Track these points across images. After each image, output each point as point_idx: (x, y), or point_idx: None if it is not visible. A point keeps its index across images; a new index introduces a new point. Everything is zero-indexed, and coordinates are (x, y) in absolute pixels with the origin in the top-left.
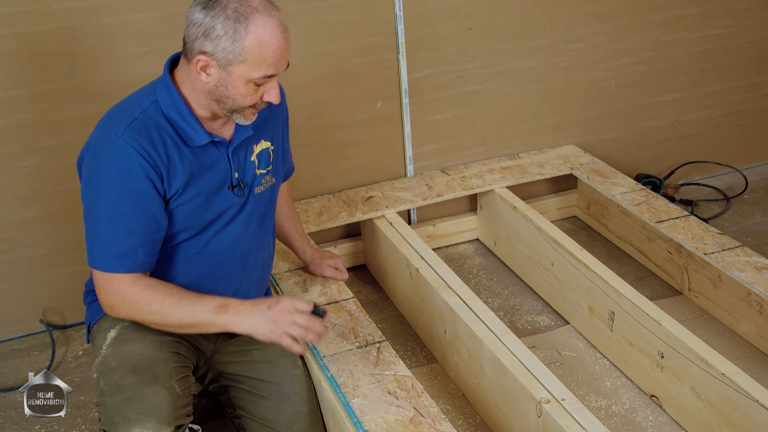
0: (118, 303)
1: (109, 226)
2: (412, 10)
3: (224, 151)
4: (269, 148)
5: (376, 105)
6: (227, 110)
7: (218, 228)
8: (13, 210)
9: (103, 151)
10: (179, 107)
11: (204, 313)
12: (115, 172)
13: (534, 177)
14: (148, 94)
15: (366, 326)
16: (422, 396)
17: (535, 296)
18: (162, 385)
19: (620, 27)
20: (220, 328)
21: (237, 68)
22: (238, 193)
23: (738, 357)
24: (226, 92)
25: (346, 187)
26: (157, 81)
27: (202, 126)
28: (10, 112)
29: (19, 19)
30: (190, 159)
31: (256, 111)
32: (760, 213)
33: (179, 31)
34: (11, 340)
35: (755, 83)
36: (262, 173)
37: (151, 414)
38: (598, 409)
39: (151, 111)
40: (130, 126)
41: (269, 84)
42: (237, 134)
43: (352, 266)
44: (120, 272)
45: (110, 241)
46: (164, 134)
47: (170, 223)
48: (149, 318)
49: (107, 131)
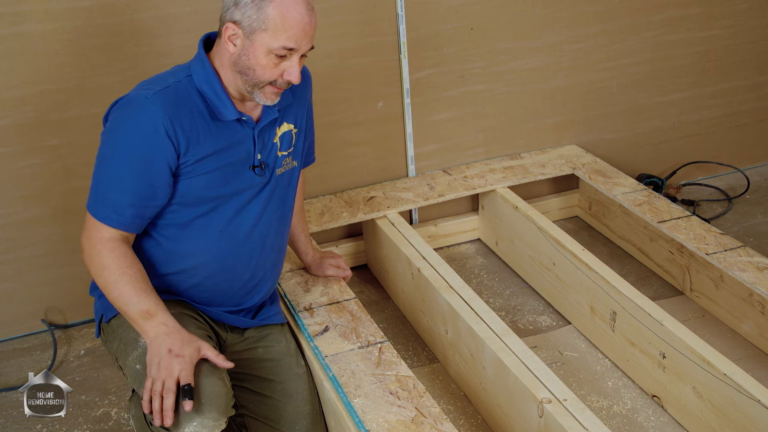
0: (86, 248)
1: (108, 179)
2: (414, 9)
3: (250, 132)
4: (292, 131)
5: (377, 105)
6: (249, 84)
7: (238, 207)
8: (14, 209)
9: (128, 108)
10: (212, 82)
11: (133, 308)
12: (131, 132)
13: (536, 177)
14: (183, 69)
15: (368, 326)
16: (424, 396)
17: (537, 296)
18: (218, 376)
19: (622, 27)
20: (134, 325)
21: (259, 36)
22: (259, 173)
23: (740, 357)
24: (248, 62)
25: (347, 187)
26: (191, 60)
27: (232, 102)
28: (11, 112)
29: (21, 18)
30: (214, 134)
31: (278, 92)
32: (762, 213)
33: (178, 31)
34: (13, 339)
35: (757, 83)
36: (283, 155)
37: (212, 404)
38: (599, 410)
39: (185, 83)
40: (162, 91)
41: (290, 61)
42: (264, 115)
43: (353, 266)
44: (104, 224)
45: (105, 192)
46: (193, 106)
47: (183, 193)
48: (97, 280)
49: (138, 91)
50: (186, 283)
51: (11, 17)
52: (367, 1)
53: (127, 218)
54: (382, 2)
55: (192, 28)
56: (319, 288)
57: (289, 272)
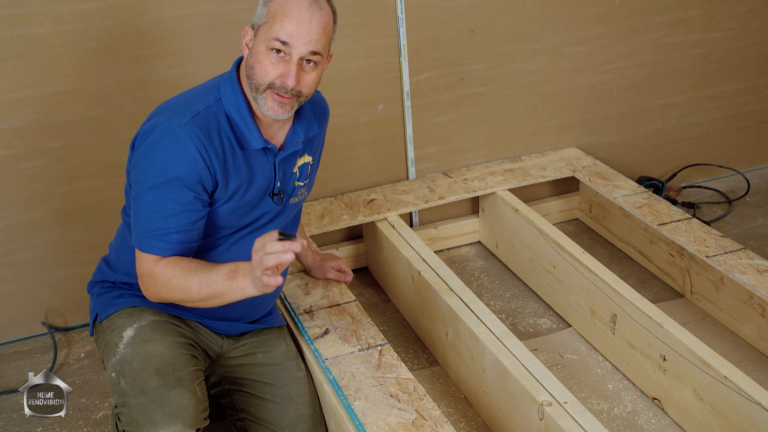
0: (149, 283)
1: (150, 209)
2: (414, 12)
3: (272, 159)
4: (309, 163)
5: (378, 107)
6: (253, 89)
7: (251, 230)
8: (15, 212)
9: (161, 137)
10: (241, 108)
11: (218, 281)
12: (168, 159)
13: (536, 179)
14: (213, 91)
15: (368, 329)
16: (424, 399)
17: (537, 299)
18: (186, 388)
19: (622, 29)
20: (235, 294)
21: (260, 31)
22: (278, 201)
23: (740, 360)
24: (251, 61)
25: (348, 190)
26: (222, 77)
27: (259, 130)
28: (12, 114)
29: (22, 21)
30: (241, 163)
31: (280, 101)
32: (762, 216)
33: (176, 35)
34: (13, 342)
35: (757, 85)
36: (299, 185)
37: (177, 417)
38: (600, 412)
39: (214, 108)
40: (193, 120)
41: (287, 63)
42: (288, 145)
43: (354, 269)
44: (152, 254)
45: (148, 224)
46: (222, 134)
47: (208, 221)
48: (173, 294)
49: (169, 119)
50: None
51: (12, 20)
52: (367, 4)
53: (174, 244)
54: (383, 5)
55: (193, 31)
56: (319, 290)
57: (290, 275)
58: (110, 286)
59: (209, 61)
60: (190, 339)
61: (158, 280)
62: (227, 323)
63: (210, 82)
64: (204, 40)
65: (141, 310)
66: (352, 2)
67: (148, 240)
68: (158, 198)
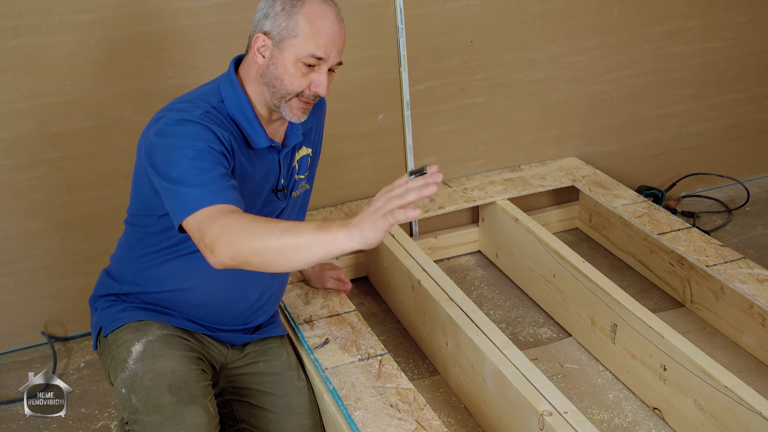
0: (216, 236)
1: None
2: (414, 22)
3: (276, 156)
4: (309, 155)
5: (378, 117)
6: (276, 97)
7: None
8: (15, 222)
9: (179, 124)
10: (244, 108)
11: (307, 230)
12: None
13: (536, 189)
14: (213, 93)
15: (368, 339)
16: (424, 409)
17: (537, 308)
18: (199, 404)
19: (621, 39)
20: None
21: (288, 44)
22: (281, 196)
23: (741, 370)
24: (276, 72)
25: (348, 200)
26: (220, 79)
27: (263, 129)
28: (13, 124)
29: (23, 31)
30: (249, 161)
31: (305, 108)
32: (762, 225)
33: (177, 45)
34: (13, 352)
35: (757, 95)
36: (300, 178)
37: None
38: (600, 422)
39: (219, 109)
40: (205, 114)
41: (318, 73)
42: (289, 139)
43: (354, 278)
44: (216, 203)
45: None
46: (230, 133)
47: None
48: (251, 242)
49: (179, 114)
50: (193, 300)
51: (13, 30)
52: (367, 14)
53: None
54: (383, 15)
55: (194, 41)
56: (319, 300)
57: (289, 284)
58: (114, 300)
59: (210, 72)
60: (198, 353)
61: (232, 226)
62: (232, 334)
63: (209, 84)
64: (205, 50)
65: (147, 324)
66: (352, 12)
67: (208, 195)
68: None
